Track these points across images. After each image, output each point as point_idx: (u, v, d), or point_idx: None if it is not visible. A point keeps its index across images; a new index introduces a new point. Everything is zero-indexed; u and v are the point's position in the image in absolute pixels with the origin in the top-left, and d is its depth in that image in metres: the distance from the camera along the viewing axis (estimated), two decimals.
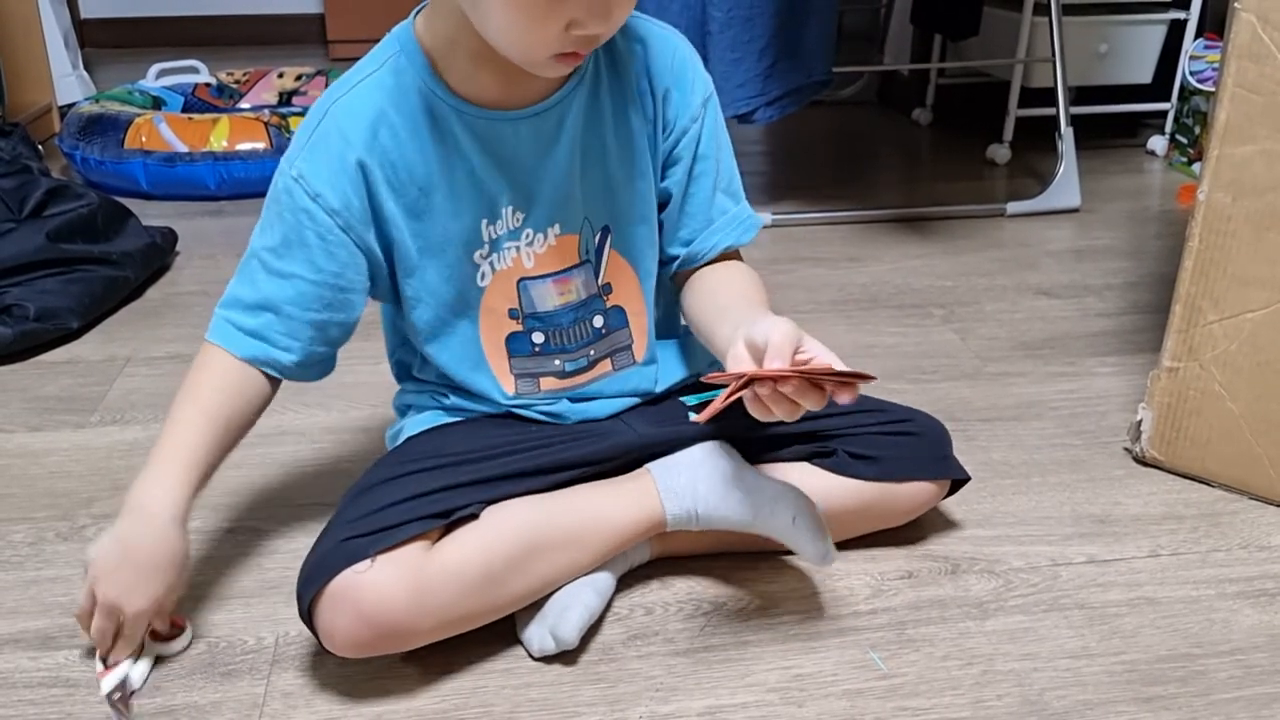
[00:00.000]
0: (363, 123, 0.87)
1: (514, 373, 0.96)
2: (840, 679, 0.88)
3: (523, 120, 0.88)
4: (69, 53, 2.76)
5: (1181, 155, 2.34)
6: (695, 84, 0.94)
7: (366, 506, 0.86)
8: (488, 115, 0.88)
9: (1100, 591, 0.99)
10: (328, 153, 0.87)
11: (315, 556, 0.85)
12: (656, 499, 0.93)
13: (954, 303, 1.65)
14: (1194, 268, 1.10)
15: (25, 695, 0.86)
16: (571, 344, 0.97)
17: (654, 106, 0.93)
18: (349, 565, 0.82)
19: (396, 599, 0.82)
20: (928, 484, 1.02)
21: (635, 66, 0.92)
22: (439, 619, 0.85)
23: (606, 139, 0.92)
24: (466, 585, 0.85)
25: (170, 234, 1.80)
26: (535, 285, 0.94)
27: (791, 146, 2.58)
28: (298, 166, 0.88)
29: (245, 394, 0.91)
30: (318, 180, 0.87)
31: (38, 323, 1.46)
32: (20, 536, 1.06)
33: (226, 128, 2.12)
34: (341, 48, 3.58)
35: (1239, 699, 0.86)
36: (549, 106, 0.89)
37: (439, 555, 0.85)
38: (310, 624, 0.84)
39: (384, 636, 0.83)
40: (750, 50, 1.79)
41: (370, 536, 0.83)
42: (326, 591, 0.82)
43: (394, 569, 0.82)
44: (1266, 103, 1.02)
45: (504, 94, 0.87)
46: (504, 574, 0.87)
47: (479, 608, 0.87)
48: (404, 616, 0.82)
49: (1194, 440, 1.15)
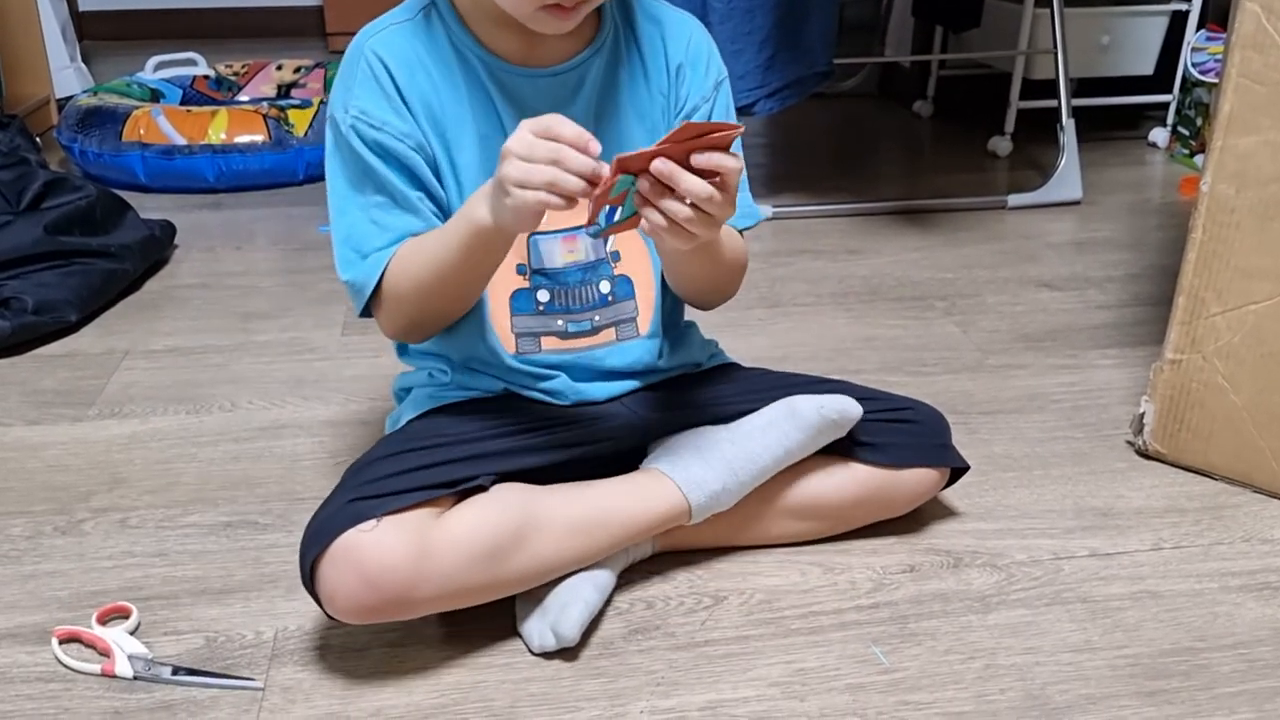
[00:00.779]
0: (400, 61, 0.89)
1: (515, 331, 0.96)
2: (842, 673, 0.88)
3: (542, 78, 0.91)
4: (67, 45, 2.75)
5: (1183, 147, 2.34)
6: (710, 66, 0.97)
7: (371, 475, 0.87)
8: (511, 69, 0.91)
9: (1103, 585, 0.98)
10: (378, 85, 0.89)
11: (319, 520, 0.85)
12: (679, 493, 0.93)
13: (955, 295, 1.64)
14: (1197, 259, 1.10)
15: (22, 690, 0.86)
16: (576, 305, 0.97)
17: (668, 82, 0.96)
18: (354, 525, 0.82)
19: (399, 561, 0.81)
20: (928, 472, 1.02)
21: (653, 43, 0.95)
22: (440, 587, 0.84)
23: (622, 107, 0.94)
24: (470, 556, 0.85)
25: (169, 227, 1.79)
26: (545, 240, 0.95)
27: (792, 139, 2.57)
28: (354, 106, 0.89)
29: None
30: (379, 110, 0.88)
31: (36, 315, 1.45)
32: (18, 530, 1.06)
33: (225, 120, 2.12)
34: (340, 39, 3.58)
35: (1242, 693, 0.86)
36: (568, 69, 0.92)
37: (445, 523, 0.85)
38: (312, 588, 0.84)
39: (385, 600, 0.82)
40: (751, 41, 1.78)
41: (377, 499, 0.84)
42: (329, 552, 0.82)
43: (399, 531, 0.82)
44: (1270, 93, 1.02)
45: (525, 54, 0.91)
46: (509, 549, 0.86)
47: (481, 581, 0.86)
48: (406, 579, 0.82)
49: (1196, 433, 1.14)
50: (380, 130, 0.88)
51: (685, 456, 0.94)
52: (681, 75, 0.96)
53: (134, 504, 1.10)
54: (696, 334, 1.08)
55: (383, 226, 0.89)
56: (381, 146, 0.88)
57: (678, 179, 0.75)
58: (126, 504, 1.10)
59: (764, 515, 1.00)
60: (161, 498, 1.11)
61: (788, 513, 1.00)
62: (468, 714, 0.83)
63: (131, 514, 1.09)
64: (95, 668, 0.87)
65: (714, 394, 1.02)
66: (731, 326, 1.30)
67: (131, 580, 0.98)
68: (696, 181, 0.76)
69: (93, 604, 0.94)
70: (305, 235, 1.91)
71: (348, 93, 0.89)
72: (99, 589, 0.97)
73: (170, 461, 1.18)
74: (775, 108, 1.87)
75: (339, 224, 0.92)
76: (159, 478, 1.15)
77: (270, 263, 1.78)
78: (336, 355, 1.44)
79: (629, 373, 1.00)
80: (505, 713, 0.83)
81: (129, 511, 1.09)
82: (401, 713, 0.84)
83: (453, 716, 0.83)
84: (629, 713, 0.83)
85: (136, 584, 0.98)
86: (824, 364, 1.37)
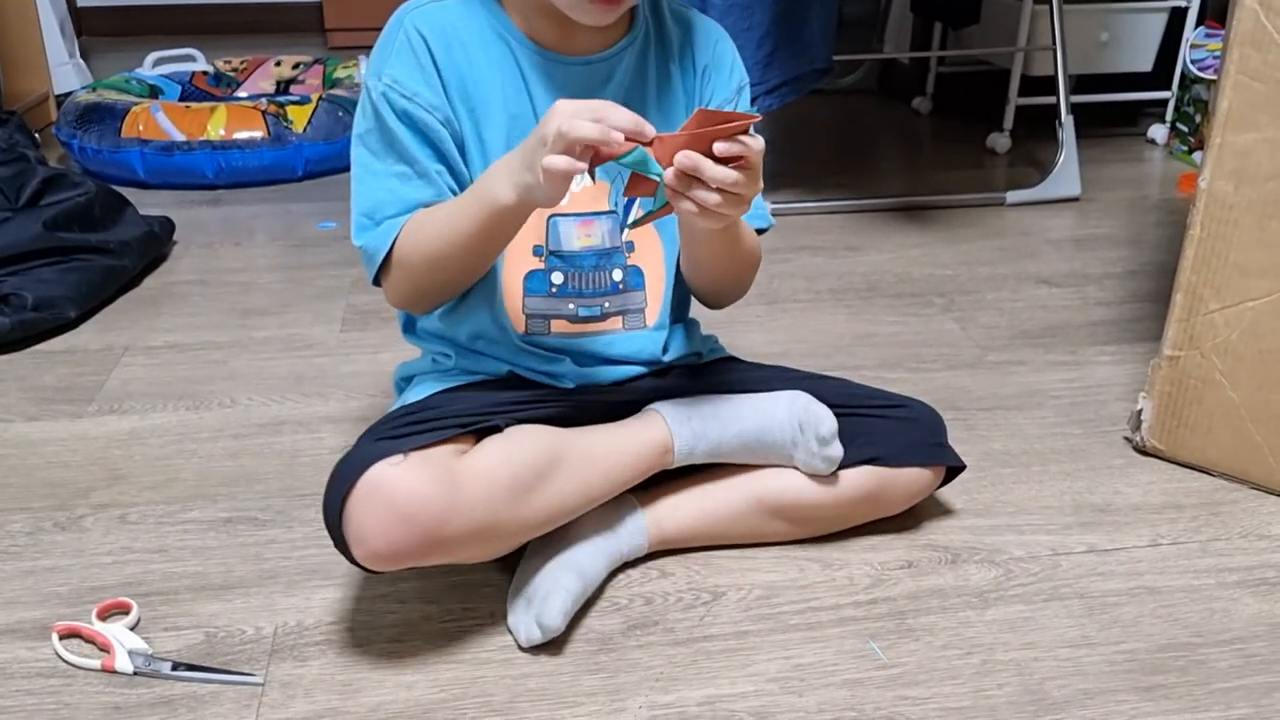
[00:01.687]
0: (438, 35, 0.90)
1: (526, 312, 0.97)
2: (840, 669, 0.88)
3: (575, 65, 0.93)
4: (65, 41, 2.74)
5: (1182, 144, 2.34)
6: (734, 70, 1.00)
7: (388, 425, 0.88)
8: (546, 54, 0.93)
9: (1100, 581, 0.99)
10: (414, 56, 0.90)
11: (343, 464, 0.85)
12: (665, 428, 0.96)
13: (954, 291, 1.64)
14: (1195, 256, 1.10)
15: (23, 685, 0.86)
16: (589, 289, 0.98)
17: (695, 81, 0.98)
18: (381, 460, 0.82)
19: (430, 493, 0.82)
20: (923, 471, 1.02)
21: (681, 43, 0.98)
22: (470, 521, 0.84)
23: (648, 102, 0.96)
24: (495, 490, 0.86)
25: (168, 223, 1.79)
26: (564, 222, 0.96)
27: (791, 135, 2.57)
28: (387, 75, 0.90)
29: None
30: (411, 81, 0.89)
31: (35, 312, 1.45)
32: (18, 526, 1.06)
33: (224, 116, 2.12)
34: (340, 35, 3.57)
35: (1239, 688, 0.86)
36: (601, 59, 0.94)
37: (472, 458, 0.87)
38: (339, 533, 0.84)
39: (418, 534, 0.82)
40: (749, 38, 1.78)
41: (402, 438, 0.85)
42: (358, 488, 0.82)
43: (427, 466, 0.83)
44: (1269, 90, 1.02)
45: (560, 42, 0.92)
46: (531, 482, 0.88)
47: (506, 516, 0.87)
48: (438, 512, 0.82)
49: (1194, 429, 1.14)
50: (411, 100, 0.89)
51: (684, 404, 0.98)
52: (707, 76, 0.98)
53: (134, 500, 1.10)
54: (697, 329, 1.09)
55: (398, 196, 0.91)
56: (409, 116, 0.89)
57: (703, 169, 0.77)
58: (126, 500, 1.10)
59: (760, 514, 1.00)
60: (161, 494, 1.12)
61: (783, 512, 1.00)
62: (467, 709, 0.84)
63: (131, 510, 1.09)
64: (95, 663, 0.87)
65: (712, 384, 1.02)
66: (730, 323, 1.30)
67: (131, 576, 0.99)
68: (721, 170, 0.77)
69: (93, 600, 0.94)
70: (304, 231, 1.91)
71: (383, 62, 0.91)
72: (99, 585, 0.97)
73: (170, 458, 1.19)
74: (774, 104, 1.87)
75: (359, 192, 0.93)
76: (159, 474, 1.15)
77: (269, 259, 1.78)
78: (336, 351, 1.44)
79: (632, 361, 1.00)
80: (504, 708, 0.84)
81: (129, 507, 1.09)
82: (401, 708, 0.84)
83: (452, 712, 0.83)
84: (628, 708, 0.84)
85: (136, 580, 0.98)
86: (822, 360, 1.38)
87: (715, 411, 0.97)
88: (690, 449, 0.97)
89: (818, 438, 0.95)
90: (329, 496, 0.84)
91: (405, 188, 0.90)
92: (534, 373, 0.98)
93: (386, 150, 0.91)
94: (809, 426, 0.95)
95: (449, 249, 0.88)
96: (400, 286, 0.93)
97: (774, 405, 0.97)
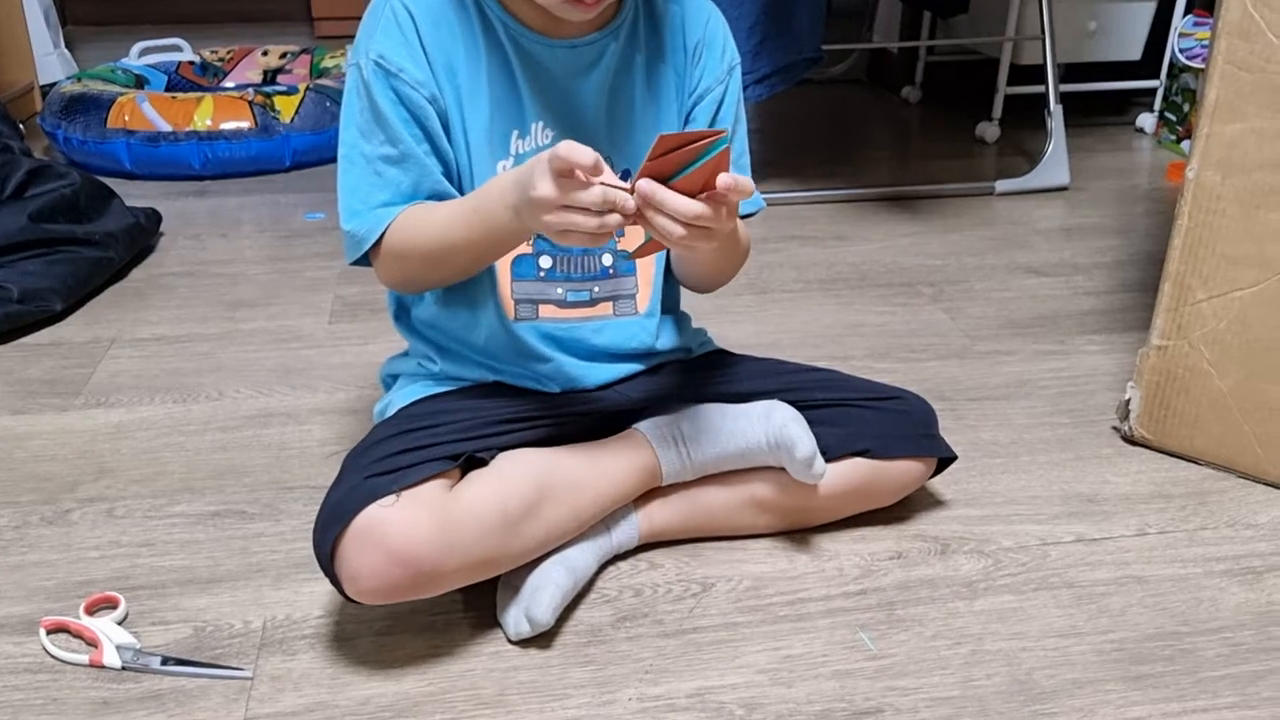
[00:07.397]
0: (426, 13, 0.90)
1: (515, 297, 0.97)
2: (830, 659, 0.88)
3: (561, 48, 0.92)
4: (50, 31, 2.72)
5: (1170, 133, 2.34)
6: (725, 51, 0.98)
7: (377, 455, 0.87)
8: (532, 36, 0.91)
9: (1088, 570, 0.99)
10: (401, 33, 0.89)
11: (333, 500, 0.85)
12: (650, 451, 0.96)
13: (943, 281, 1.64)
14: (1183, 246, 1.10)
15: (11, 681, 0.85)
16: (577, 273, 0.97)
17: (685, 61, 0.97)
18: (373, 502, 0.82)
19: (423, 535, 0.82)
20: (915, 463, 1.02)
21: (672, 24, 0.97)
22: (463, 558, 0.84)
23: (636, 87, 0.95)
24: (486, 525, 0.85)
25: (154, 214, 1.78)
26: None
27: (780, 125, 2.57)
28: (374, 50, 0.89)
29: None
30: (398, 56, 0.89)
31: (21, 304, 1.44)
32: (4, 520, 1.06)
33: (210, 107, 2.10)
34: (327, 25, 3.55)
35: (1226, 676, 0.86)
36: (587, 43, 0.93)
37: (462, 494, 0.87)
38: (332, 571, 0.84)
39: (412, 575, 0.82)
40: (739, 27, 1.77)
41: (392, 475, 0.84)
42: (350, 530, 0.82)
43: (419, 506, 0.83)
44: (1256, 80, 1.02)
45: (547, 25, 0.91)
46: (519, 515, 0.87)
47: (497, 552, 0.87)
48: (432, 553, 0.82)
49: (1182, 419, 1.15)
50: (396, 76, 0.88)
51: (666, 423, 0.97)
52: (698, 55, 0.97)
53: (121, 494, 1.10)
54: (688, 322, 1.08)
55: (386, 180, 0.90)
56: (395, 92, 0.89)
57: (664, 203, 0.75)
58: (113, 494, 1.10)
59: (750, 507, 1.00)
60: (148, 487, 1.11)
61: (773, 505, 1.00)
62: (456, 702, 0.83)
63: (118, 504, 1.08)
64: (83, 658, 0.87)
65: (702, 381, 1.02)
66: (719, 313, 1.30)
67: (119, 570, 0.98)
68: (684, 202, 0.75)
69: (80, 594, 0.94)
70: (292, 222, 1.90)
71: (369, 39, 0.90)
72: (86, 579, 0.97)
73: (157, 451, 1.18)
74: (764, 94, 1.87)
75: (347, 174, 0.92)
76: (146, 467, 1.15)
77: (257, 250, 1.78)
78: (324, 343, 1.44)
79: (623, 354, 1.00)
80: (494, 701, 0.84)
81: (116, 501, 1.09)
82: (390, 701, 0.84)
83: (441, 705, 0.83)
84: (617, 700, 0.84)
85: (124, 574, 0.98)
86: (812, 350, 1.38)
87: (696, 434, 0.97)
88: (678, 473, 0.97)
89: (796, 460, 0.95)
90: (320, 534, 0.84)
91: (392, 170, 0.90)
92: (519, 376, 0.97)
93: (373, 130, 0.90)
94: (785, 449, 0.95)
95: (449, 252, 0.88)
96: (394, 274, 0.93)
97: (750, 428, 0.96)
